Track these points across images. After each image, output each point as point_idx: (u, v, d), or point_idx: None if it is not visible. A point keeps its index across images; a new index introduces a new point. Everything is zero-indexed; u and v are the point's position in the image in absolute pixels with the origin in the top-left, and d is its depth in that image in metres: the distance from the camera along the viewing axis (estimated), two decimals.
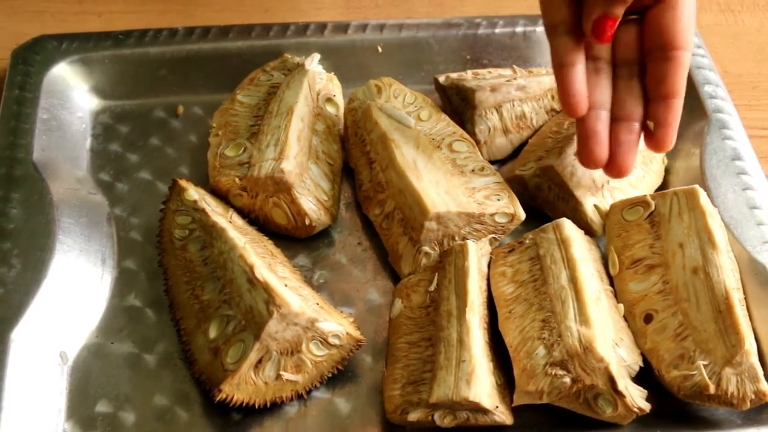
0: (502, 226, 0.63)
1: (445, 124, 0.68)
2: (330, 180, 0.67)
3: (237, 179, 0.64)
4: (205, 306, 0.57)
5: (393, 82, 0.70)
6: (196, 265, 0.59)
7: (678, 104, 0.57)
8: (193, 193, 0.62)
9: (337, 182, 0.68)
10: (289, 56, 0.72)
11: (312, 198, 0.65)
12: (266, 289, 0.54)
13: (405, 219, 0.63)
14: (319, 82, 0.71)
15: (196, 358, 0.57)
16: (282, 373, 0.55)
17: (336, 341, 0.56)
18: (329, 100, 0.71)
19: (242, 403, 0.55)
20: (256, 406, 0.55)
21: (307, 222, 0.64)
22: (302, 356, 0.56)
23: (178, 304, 0.59)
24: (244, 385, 0.55)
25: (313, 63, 0.70)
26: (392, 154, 0.63)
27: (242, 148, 0.65)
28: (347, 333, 0.57)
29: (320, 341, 0.56)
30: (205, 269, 0.59)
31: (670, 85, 0.57)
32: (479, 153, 0.66)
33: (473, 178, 0.64)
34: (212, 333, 0.56)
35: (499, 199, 0.63)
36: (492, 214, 0.62)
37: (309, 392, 0.57)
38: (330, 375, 0.57)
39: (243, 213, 0.65)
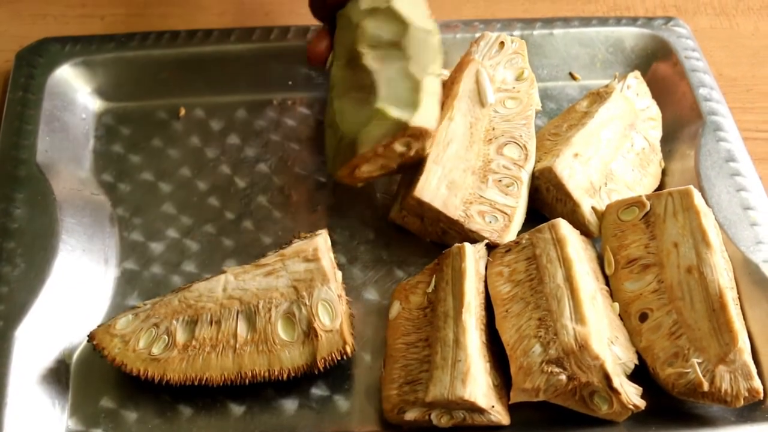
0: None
1: (521, 124, 0.66)
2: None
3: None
4: None
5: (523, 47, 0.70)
6: None
7: None
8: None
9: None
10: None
11: None
12: None
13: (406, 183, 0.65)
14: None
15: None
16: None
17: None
18: None
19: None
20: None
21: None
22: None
23: None
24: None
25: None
26: (444, 124, 0.64)
27: None
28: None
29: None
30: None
31: None
32: (524, 172, 0.65)
33: (489, 189, 0.64)
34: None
35: (491, 222, 0.63)
36: (472, 231, 0.62)
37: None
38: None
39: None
